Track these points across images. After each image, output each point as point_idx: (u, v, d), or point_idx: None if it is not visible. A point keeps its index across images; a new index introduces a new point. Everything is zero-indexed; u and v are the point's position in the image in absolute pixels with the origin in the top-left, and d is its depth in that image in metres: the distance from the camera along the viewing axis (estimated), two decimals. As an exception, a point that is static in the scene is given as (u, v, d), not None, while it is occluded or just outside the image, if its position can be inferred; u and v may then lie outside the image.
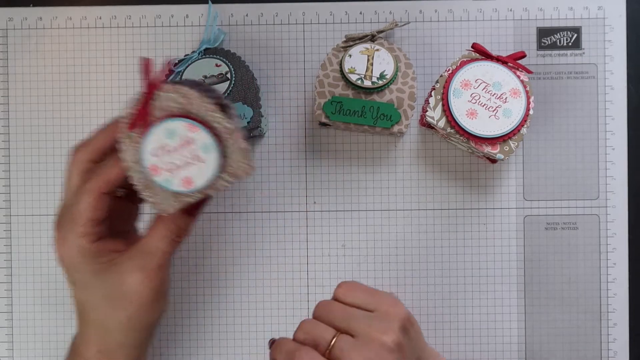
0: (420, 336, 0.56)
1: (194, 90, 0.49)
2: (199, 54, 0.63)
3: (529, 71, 0.60)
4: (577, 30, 0.65)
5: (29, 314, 0.66)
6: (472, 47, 0.61)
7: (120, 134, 0.50)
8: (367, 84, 0.60)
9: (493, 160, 0.64)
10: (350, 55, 0.60)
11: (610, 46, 0.65)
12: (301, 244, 0.66)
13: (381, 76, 0.60)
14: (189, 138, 0.48)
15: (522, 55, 0.61)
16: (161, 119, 0.49)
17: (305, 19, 0.66)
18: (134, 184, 0.50)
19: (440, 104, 0.60)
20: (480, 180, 0.66)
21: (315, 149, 0.66)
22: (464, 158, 0.66)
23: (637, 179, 0.65)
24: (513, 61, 0.60)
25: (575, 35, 0.65)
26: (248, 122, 0.61)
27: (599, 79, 0.65)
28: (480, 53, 0.61)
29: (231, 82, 0.61)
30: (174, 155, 0.49)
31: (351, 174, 0.66)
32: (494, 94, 0.59)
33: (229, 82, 0.61)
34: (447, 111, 0.59)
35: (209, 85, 0.54)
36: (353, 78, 0.60)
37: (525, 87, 0.59)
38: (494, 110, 0.59)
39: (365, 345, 0.51)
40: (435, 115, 0.60)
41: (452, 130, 0.59)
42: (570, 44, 0.65)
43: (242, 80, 0.62)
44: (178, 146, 0.49)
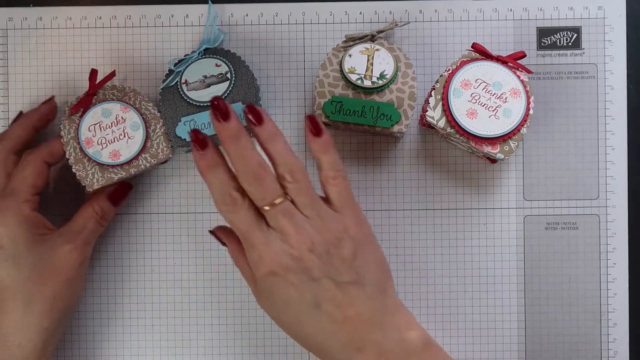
0: (382, 284, 0.56)
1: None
2: (199, 54, 0.63)
3: (529, 71, 0.60)
4: (577, 30, 0.65)
5: (29, 314, 0.66)
6: (472, 47, 0.61)
7: (64, 116, 0.60)
8: (367, 83, 0.60)
9: (493, 160, 0.64)
10: (350, 55, 0.60)
11: (610, 46, 0.65)
12: (301, 244, 0.65)
13: (381, 76, 0.60)
14: (121, 117, 0.59)
15: (522, 55, 0.61)
16: (101, 102, 0.60)
17: (305, 19, 0.66)
18: (67, 158, 0.59)
19: (440, 103, 0.60)
20: (480, 180, 0.66)
21: (315, 149, 0.65)
22: (464, 158, 0.66)
23: (637, 179, 0.65)
24: (513, 61, 0.60)
25: (575, 35, 0.65)
26: None
27: (599, 79, 0.65)
28: (480, 53, 0.61)
29: (231, 82, 0.61)
30: (106, 131, 0.59)
31: (351, 174, 0.66)
32: (494, 93, 0.59)
33: (228, 82, 0.61)
34: (447, 111, 0.59)
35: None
36: (353, 78, 0.60)
37: (525, 87, 0.59)
38: (494, 110, 0.59)
39: (303, 225, 0.54)
40: (435, 115, 0.60)
41: (452, 130, 0.59)
42: (570, 44, 0.65)
43: (242, 80, 0.62)
44: (111, 123, 0.58)
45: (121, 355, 0.66)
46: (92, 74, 0.62)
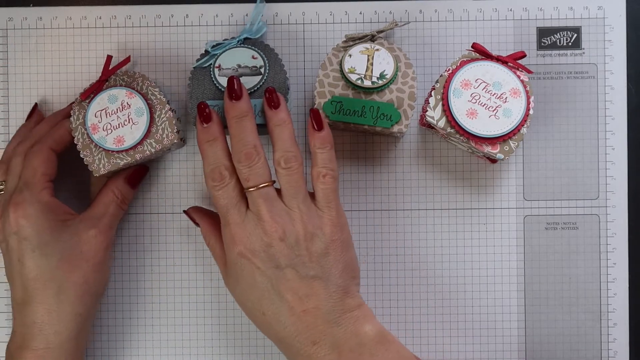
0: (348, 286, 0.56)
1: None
2: (238, 41, 0.62)
3: (529, 71, 0.60)
4: (577, 30, 0.65)
5: (29, 314, 0.66)
6: (472, 47, 0.61)
7: (75, 102, 0.61)
8: (367, 83, 0.60)
9: (493, 160, 0.64)
10: (350, 55, 0.60)
11: (610, 46, 0.65)
12: (301, 244, 0.65)
13: (381, 76, 0.60)
14: (126, 103, 0.59)
15: (522, 55, 0.61)
16: (108, 88, 0.60)
17: (305, 19, 0.66)
18: (76, 144, 0.60)
19: (440, 103, 0.60)
20: (480, 180, 0.66)
21: (315, 149, 0.65)
22: (464, 158, 0.66)
23: (637, 179, 0.65)
24: (513, 61, 0.60)
25: (575, 35, 0.65)
26: None
27: (599, 79, 0.65)
28: (480, 53, 0.61)
29: (263, 77, 0.61)
30: (111, 117, 0.59)
31: (351, 174, 0.66)
32: (494, 93, 0.59)
33: (260, 77, 0.61)
34: (447, 111, 0.59)
35: None
36: (353, 78, 0.60)
37: (525, 87, 0.59)
38: (494, 110, 0.59)
39: (280, 214, 0.55)
40: (435, 115, 0.60)
41: (452, 130, 0.59)
42: (570, 43, 0.65)
43: (275, 78, 0.61)
44: (116, 109, 0.58)
45: (121, 355, 0.66)
46: (107, 60, 0.62)
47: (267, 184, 0.56)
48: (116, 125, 0.59)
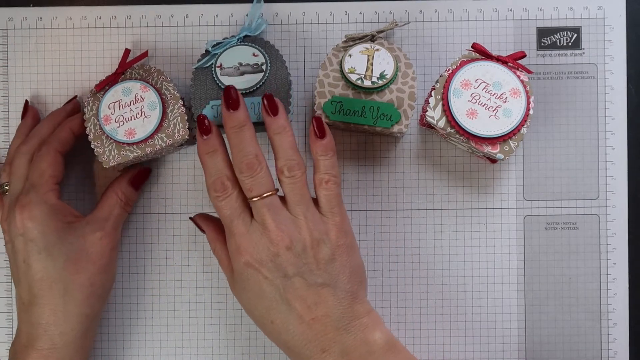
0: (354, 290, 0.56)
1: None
2: (238, 39, 0.62)
3: (529, 71, 0.60)
4: (577, 30, 0.65)
5: (29, 314, 0.66)
6: (472, 47, 0.61)
7: (89, 94, 0.62)
8: (367, 83, 0.60)
9: (493, 160, 0.64)
10: (350, 55, 0.60)
11: (610, 46, 0.65)
12: (301, 244, 0.65)
13: (381, 76, 0.60)
14: (140, 96, 0.60)
15: (522, 55, 0.61)
16: (123, 80, 0.61)
17: (305, 19, 0.66)
18: (87, 135, 0.60)
19: (440, 103, 0.60)
20: (480, 180, 0.66)
21: (315, 149, 0.65)
22: (464, 158, 0.66)
23: (637, 179, 0.65)
24: (513, 61, 0.60)
25: (575, 35, 0.65)
26: None
27: (599, 79, 0.65)
28: (480, 53, 0.61)
29: (265, 74, 0.61)
30: (124, 109, 0.60)
31: (351, 174, 0.66)
32: (494, 93, 0.59)
33: (262, 74, 0.61)
34: (447, 111, 0.59)
35: None
36: (353, 78, 0.60)
37: (525, 87, 0.59)
38: (494, 110, 0.59)
39: (285, 222, 0.55)
40: (435, 115, 0.60)
41: (452, 130, 0.59)
42: (570, 44, 0.65)
43: (277, 75, 0.61)
44: (130, 102, 0.59)
45: (121, 355, 0.66)
46: (125, 53, 0.62)
47: (271, 193, 0.55)
48: (128, 117, 0.60)
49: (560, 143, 0.65)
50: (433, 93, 0.60)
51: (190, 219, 0.63)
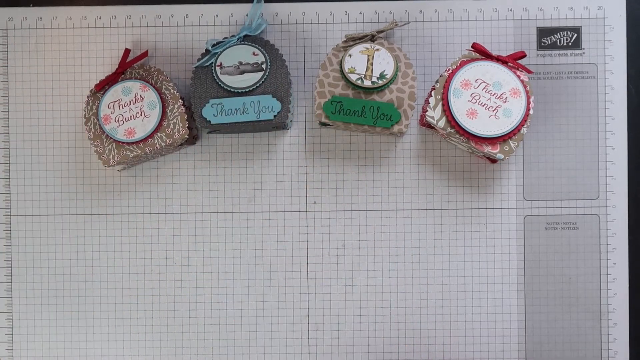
0: None
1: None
2: (238, 39, 0.62)
3: (529, 71, 0.60)
4: (577, 30, 0.65)
5: (29, 314, 0.66)
6: (472, 47, 0.61)
7: (89, 93, 0.61)
8: (367, 83, 0.60)
9: (493, 160, 0.64)
10: (350, 55, 0.60)
11: (610, 46, 0.65)
12: (301, 244, 0.66)
13: (381, 76, 0.60)
14: (140, 96, 0.60)
15: (522, 55, 0.61)
16: (123, 80, 0.60)
17: (305, 19, 0.66)
18: (87, 134, 0.60)
19: (440, 103, 0.60)
20: (480, 180, 0.66)
21: (315, 149, 0.66)
22: (464, 158, 0.66)
23: (637, 179, 0.65)
24: (513, 61, 0.60)
25: (575, 35, 0.65)
26: (275, 116, 0.61)
27: (599, 79, 0.65)
28: (480, 53, 0.61)
29: (265, 73, 0.61)
30: (124, 109, 0.60)
31: (351, 174, 0.66)
32: (494, 93, 0.59)
33: (262, 73, 0.61)
34: (447, 111, 0.59)
35: None
36: (353, 78, 0.60)
37: (525, 87, 0.59)
38: (494, 110, 0.59)
39: None
40: (435, 115, 0.60)
41: (452, 130, 0.59)
42: (570, 44, 0.65)
43: (277, 74, 0.61)
44: (129, 101, 0.60)
45: (121, 355, 0.66)
46: (125, 53, 0.63)
47: None
48: (128, 117, 0.60)
49: (560, 143, 0.65)
50: (433, 93, 0.60)
51: None
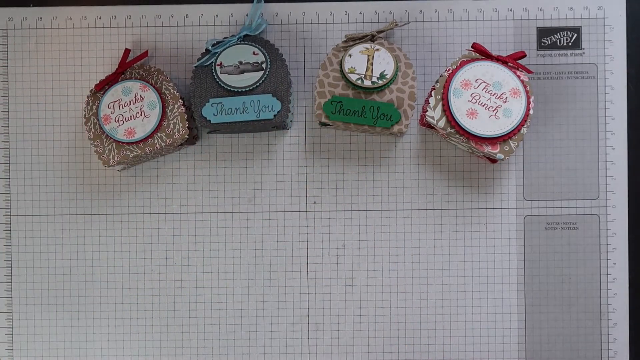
0: None
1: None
2: (238, 38, 0.62)
3: (529, 71, 0.60)
4: (577, 30, 0.65)
5: (29, 314, 0.66)
6: (472, 47, 0.61)
7: (89, 93, 0.61)
8: (367, 83, 0.60)
9: (493, 160, 0.64)
10: (350, 55, 0.60)
11: (610, 46, 0.65)
12: (301, 244, 0.66)
13: (381, 76, 0.60)
14: (140, 96, 0.60)
15: (522, 55, 0.61)
16: (123, 80, 0.61)
17: (305, 19, 0.66)
18: (87, 133, 0.60)
19: (440, 103, 0.60)
20: (480, 180, 0.66)
21: (315, 149, 0.66)
22: (464, 158, 0.66)
23: (637, 179, 0.65)
24: (513, 61, 0.60)
25: (575, 35, 0.65)
26: (275, 116, 0.61)
27: (599, 79, 0.65)
28: (480, 53, 0.61)
29: (265, 73, 0.61)
30: (124, 109, 0.60)
31: (351, 174, 0.66)
32: (494, 93, 0.59)
33: (262, 72, 0.61)
34: (447, 111, 0.59)
35: None
36: (353, 78, 0.60)
37: (525, 87, 0.59)
38: (494, 110, 0.59)
39: None
40: (435, 115, 0.60)
41: (452, 130, 0.59)
42: (570, 44, 0.65)
43: (277, 73, 0.61)
44: (129, 101, 0.60)
45: (121, 355, 0.66)
46: (125, 53, 0.63)
47: None
48: (128, 117, 0.60)
49: (560, 143, 0.65)
50: (433, 93, 0.60)
51: None
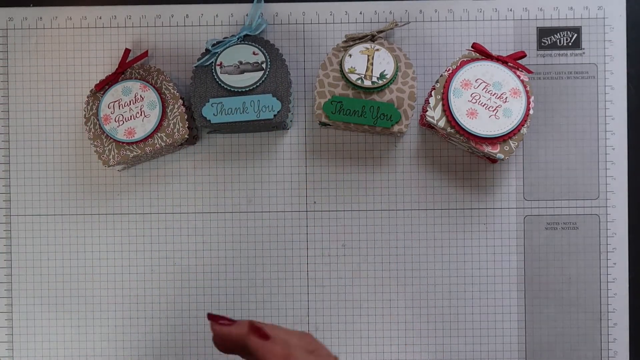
0: None
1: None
2: (238, 38, 0.62)
3: (529, 71, 0.60)
4: (577, 30, 0.65)
5: (29, 314, 0.66)
6: (472, 47, 0.61)
7: (89, 93, 0.62)
8: (367, 83, 0.60)
9: (493, 160, 0.64)
10: (350, 55, 0.60)
11: (610, 46, 0.65)
12: (301, 244, 0.66)
13: (381, 76, 0.60)
14: (140, 96, 0.60)
15: (522, 55, 0.61)
16: (123, 80, 0.61)
17: (305, 19, 0.66)
18: (87, 134, 0.61)
19: (440, 103, 0.60)
20: (480, 180, 0.66)
21: (315, 149, 0.66)
22: (464, 158, 0.66)
23: (637, 179, 0.65)
24: (513, 61, 0.60)
25: (575, 35, 0.65)
26: (275, 115, 0.61)
27: (599, 79, 0.65)
28: (480, 53, 0.61)
29: (265, 73, 0.61)
30: (124, 109, 0.60)
31: (351, 174, 0.66)
32: (494, 93, 0.59)
33: (262, 72, 0.61)
34: (447, 111, 0.59)
35: None
36: (353, 78, 0.60)
37: (525, 87, 0.59)
38: (494, 110, 0.59)
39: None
40: (435, 115, 0.60)
41: (452, 130, 0.59)
42: (570, 44, 0.65)
43: (277, 73, 0.61)
44: (129, 101, 0.60)
45: (121, 355, 0.66)
46: (125, 53, 0.63)
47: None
48: (128, 117, 0.60)
49: (560, 143, 0.65)
50: (433, 93, 0.60)
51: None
